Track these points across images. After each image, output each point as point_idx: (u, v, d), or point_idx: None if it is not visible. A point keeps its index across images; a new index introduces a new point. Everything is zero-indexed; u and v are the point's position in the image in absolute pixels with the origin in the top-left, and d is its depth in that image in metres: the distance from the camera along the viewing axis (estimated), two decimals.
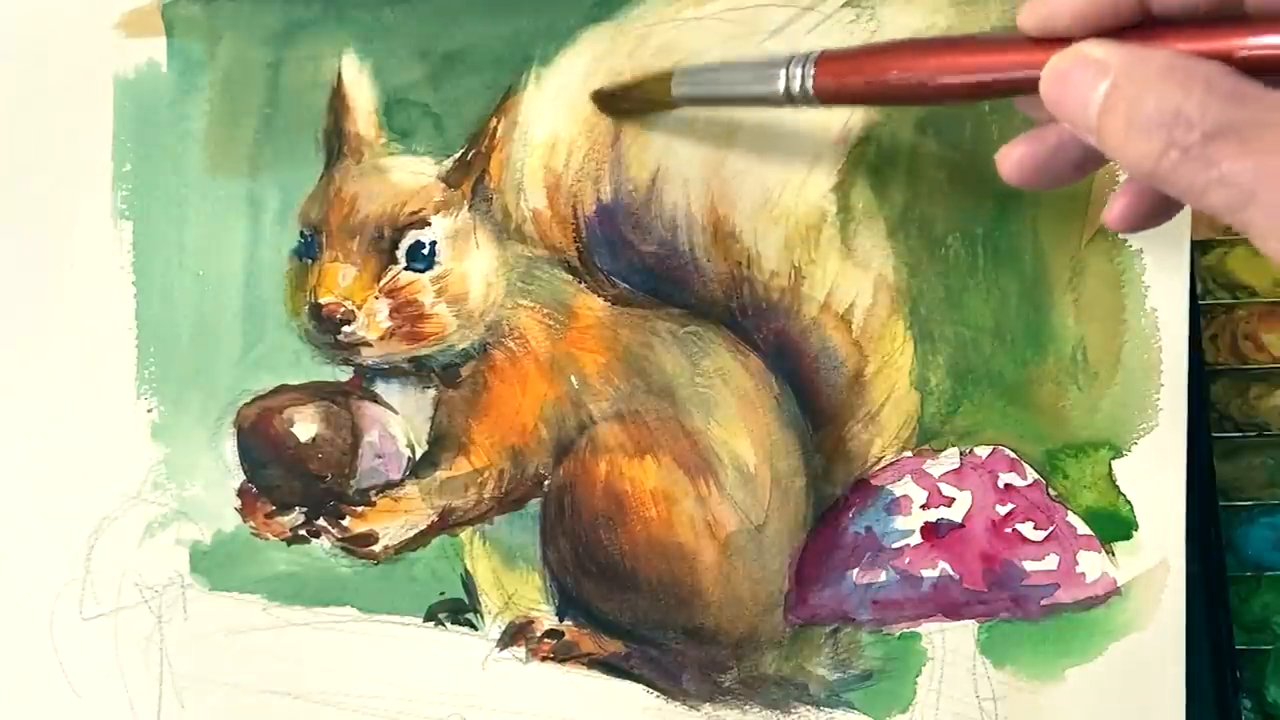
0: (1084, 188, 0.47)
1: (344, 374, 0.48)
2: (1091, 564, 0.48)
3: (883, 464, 0.48)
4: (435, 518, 0.48)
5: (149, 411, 0.49)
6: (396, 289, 0.46)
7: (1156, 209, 0.33)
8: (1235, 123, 0.26)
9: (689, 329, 0.48)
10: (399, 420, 0.49)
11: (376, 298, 0.46)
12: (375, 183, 0.47)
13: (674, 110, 0.46)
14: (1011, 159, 0.32)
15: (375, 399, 0.49)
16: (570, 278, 0.48)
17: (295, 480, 0.48)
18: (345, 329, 0.46)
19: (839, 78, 0.38)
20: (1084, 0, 0.30)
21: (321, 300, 0.46)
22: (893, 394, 0.48)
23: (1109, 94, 0.28)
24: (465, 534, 0.49)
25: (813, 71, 0.39)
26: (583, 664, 0.49)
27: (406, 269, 0.46)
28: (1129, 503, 0.48)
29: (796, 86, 0.39)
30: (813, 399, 0.48)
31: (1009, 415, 0.48)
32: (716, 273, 0.48)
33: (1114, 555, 0.48)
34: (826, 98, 0.39)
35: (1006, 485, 0.48)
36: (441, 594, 0.49)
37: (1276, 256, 0.27)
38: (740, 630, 0.48)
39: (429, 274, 0.46)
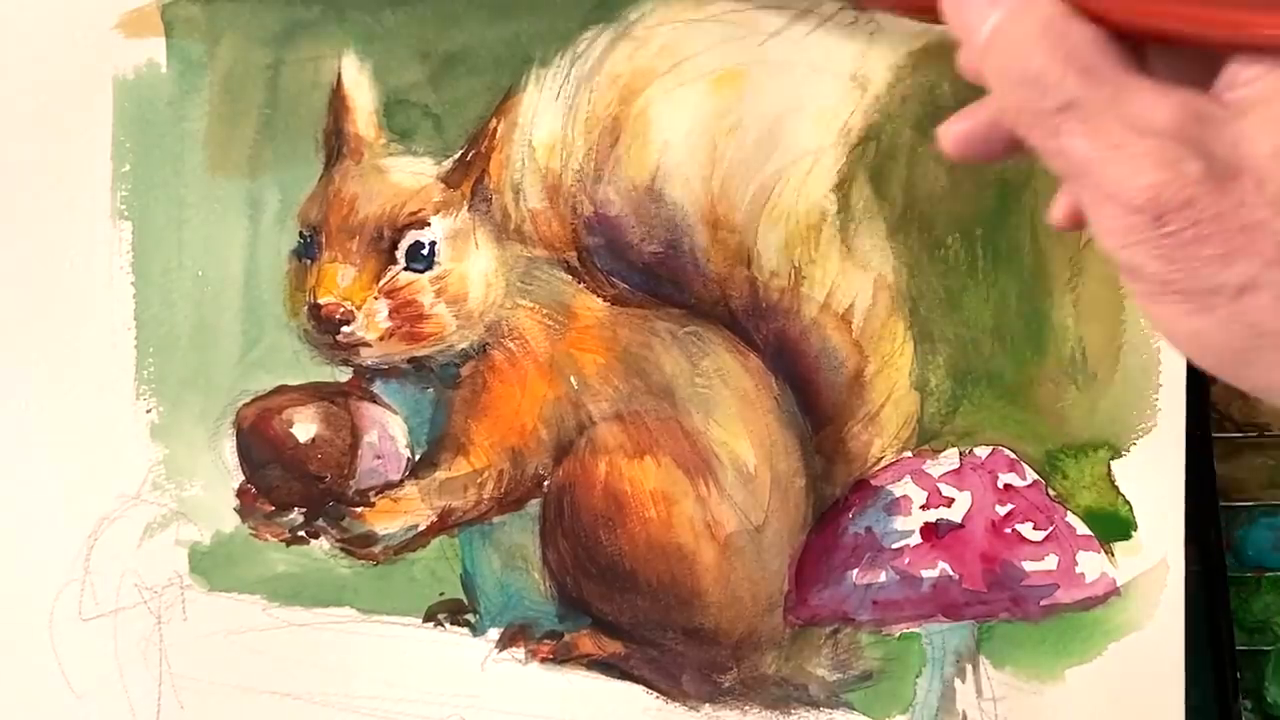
0: None
1: (343, 374, 0.48)
2: (1091, 564, 0.48)
3: (883, 464, 0.48)
4: (435, 518, 0.48)
5: (149, 412, 0.49)
6: (396, 289, 0.46)
7: (995, 144, 0.33)
8: (1083, 101, 0.27)
9: (689, 329, 0.48)
10: (398, 420, 0.49)
11: (376, 298, 0.46)
12: (375, 183, 0.47)
13: None
14: (950, 134, 0.33)
15: (374, 399, 0.49)
16: (569, 278, 0.48)
17: (295, 480, 0.48)
18: (345, 329, 0.46)
19: None
20: None
21: (321, 300, 0.46)
22: (893, 394, 0.48)
23: (993, 31, 0.29)
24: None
25: None
26: (582, 665, 0.49)
27: (406, 269, 0.46)
28: (1128, 503, 0.48)
29: None
30: (813, 399, 0.48)
31: (1008, 415, 0.48)
32: (716, 273, 0.48)
33: (1113, 555, 0.48)
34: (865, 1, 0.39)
35: (1006, 485, 0.48)
36: (441, 594, 0.49)
37: (1097, 238, 0.28)
38: (740, 631, 0.48)
39: (428, 274, 0.46)
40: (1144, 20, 0.28)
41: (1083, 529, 0.48)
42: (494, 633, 0.49)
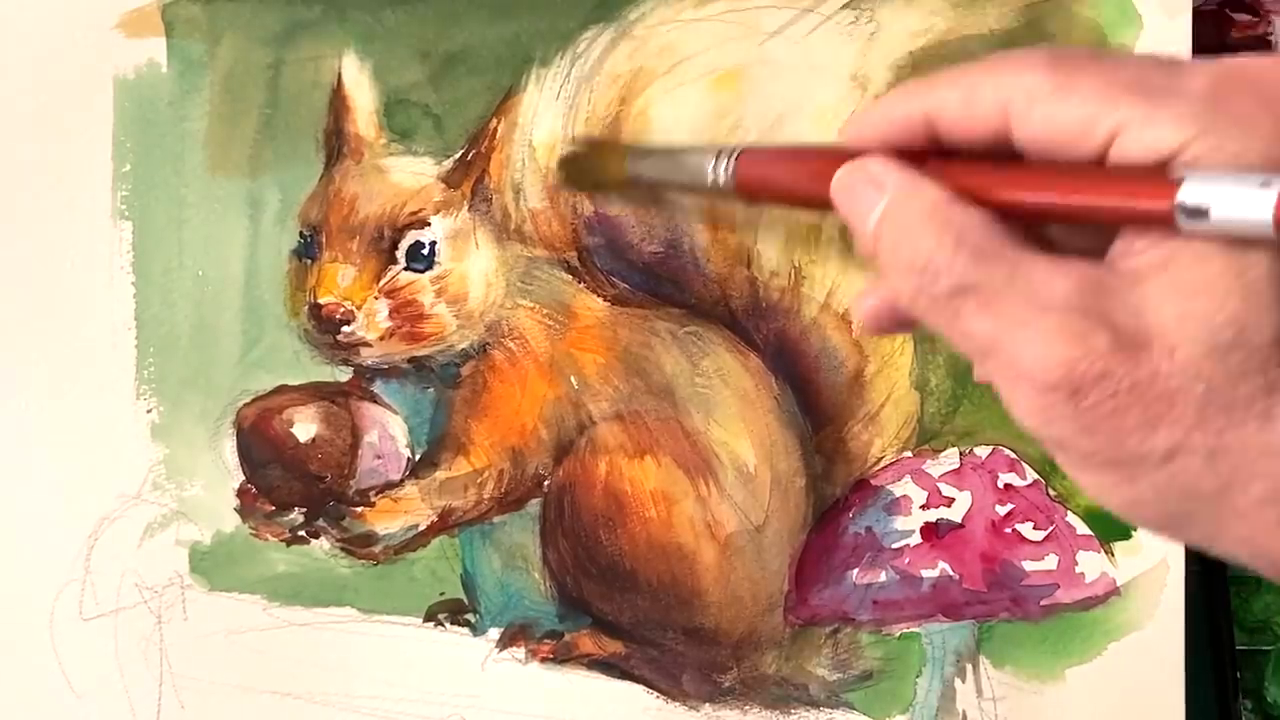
0: None
1: (343, 374, 0.48)
2: (1091, 564, 0.48)
3: (883, 464, 0.48)
4: (435, 518, 0.48)
5: (149, 411, 0.49)
6: (396, 289, 0.46)
7: (906, 319, 0.32)
8: (979, 283, 0.27)
9: (689, 329, 0.48)
10: (398, 420, 0.49)
11: (376, 298, 0.46)
12: (375, 183, 0.47)
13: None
14: (862, 310, 0.33)
15: (375, 399, 0.49)
16: (570, 278, 0.48)
17: (295, 480, 0.48)
18: (345, 329, 0.46)
19: (757, 175, 0.37)
20: (884, 120, 0.30)
21: (321, 300, 0.46)
22: (893, 394, 0.48)
23: (881, 219, 0.29)
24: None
25: (733, 167, 0.37)
26: (582, 665, 0.49)
27: (406, 269, 0.46)
28: None
29: (721, 179, 0.38)
30: (813, 399, 0.48)
31: (1009, 415, 0.48)
32: (716, 272, 0.48)
33: (1113, 555, 0.48)
34: (745, 194, 0.38)
35: (1006, 485, 0.48)
36: (441, 594, 0.49)
37: (1013, 415, 0.28)
38: (740, 631, 0.48)
39: (429, 274, 0.46)
40: (1029, 199, 0.28)
41: (1083, 529, 0.48)
42: (494, 632, 0.49)
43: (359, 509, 0.48)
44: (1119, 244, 0.27)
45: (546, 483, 0.48)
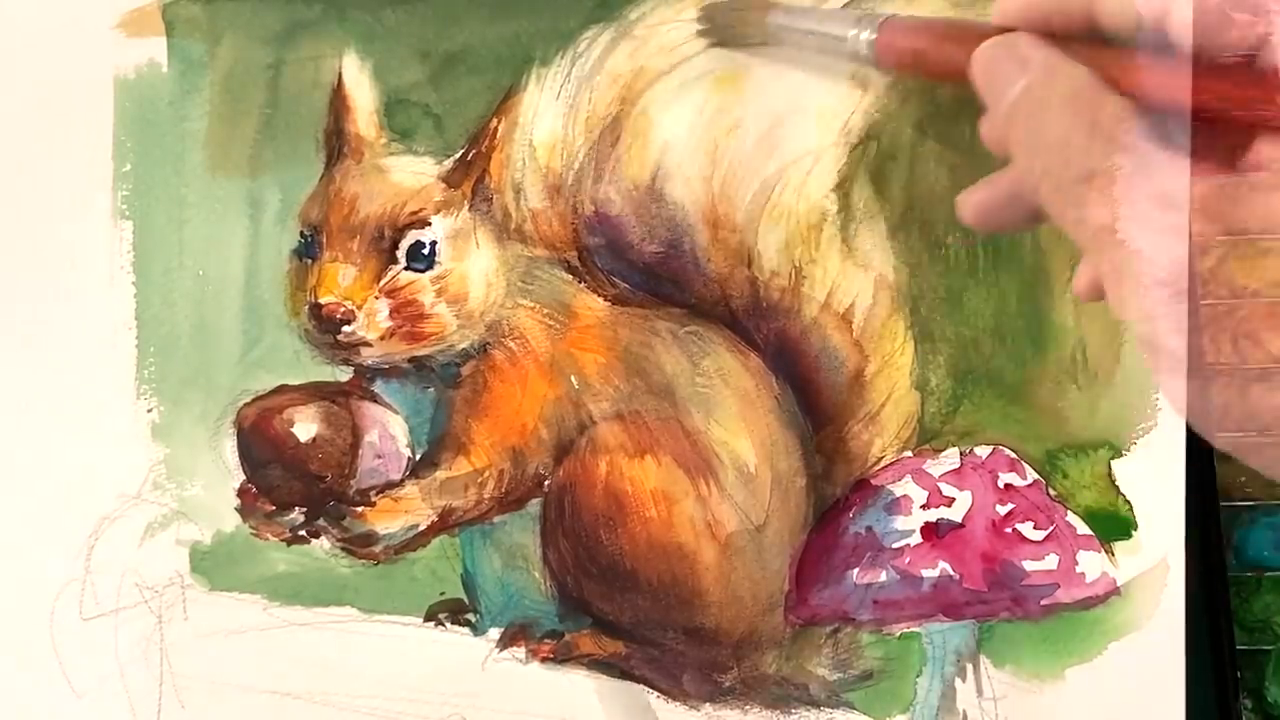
0: None
1: (344, 374, 0.49)
2: (1091, 564, 0.48)
3: (883, 464, 0.48)
4: (435, 518, 0.48)
5: (149, 411, 0.49)
6: (396, 289, 0.46)
7: (1015, 214, 0.32)
8: (1108, 172, 0.27)
9: (689, 329, 0.48)
10: (399, 420, 0.49)
11: (376, 298, 0.46)
12: (376, 183, 0.47)
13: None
14: (970, 203, 0.33)
15: (375, 399, 0.49)
16: (570, 277, 0.48)
17: (295, 480, 0.48)
18: (345, 329, 0.46)
19: (897, 43, 0.38)
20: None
21: (321, 300, 0.46)
22: (893, 394, 0.48)
23: (1021, 95, 0.29)
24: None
25: (874, 34, 0.38)
26: (583, 665, 0.49)
27: (407, 269, 0.46)
28: (1128, 502, 0.48)
29: (862, 46, 0.39)
30: (813, 399, 0.48)
31: (1009, 415, 0.48)
32: (717, 272, 0.48)
33: (1114, 555, 0.48)
34: (884, 61, 0.38)
35: (1006, 485, 0.48)
36: (441, 594, 0.49)
37: (1116, 309, 0.28)
38: (740, 630, 0.48)
39: (429, 274, 0.46)
40: (1173, 95, 0.28)
41: (1083, 528, 0.48)
42: (494, 632, 0.49)
43: (359, 509, 0.48)
44: (1253, 152, 0.27)
45: (547, 482, 0.48)
